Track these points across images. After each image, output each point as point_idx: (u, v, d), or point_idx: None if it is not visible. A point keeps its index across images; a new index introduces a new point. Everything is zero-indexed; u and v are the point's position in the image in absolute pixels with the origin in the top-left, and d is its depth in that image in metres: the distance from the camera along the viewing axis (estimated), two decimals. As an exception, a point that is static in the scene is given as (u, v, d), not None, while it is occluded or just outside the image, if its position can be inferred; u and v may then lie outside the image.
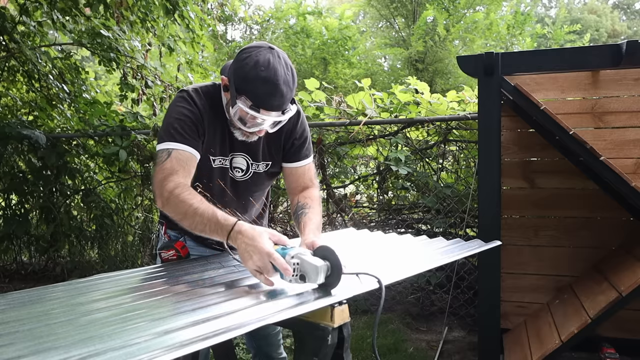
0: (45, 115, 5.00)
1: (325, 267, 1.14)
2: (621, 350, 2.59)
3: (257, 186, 1.68)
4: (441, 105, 3.69)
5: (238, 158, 1.58)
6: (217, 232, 1.25)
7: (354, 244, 1.79)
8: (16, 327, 0.92)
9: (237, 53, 1.42)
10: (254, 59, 1.34)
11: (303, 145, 1.65)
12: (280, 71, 1.34)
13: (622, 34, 28.41)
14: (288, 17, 15.65)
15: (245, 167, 1.60)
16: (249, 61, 1.34)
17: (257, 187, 1.68)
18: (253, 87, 1.34)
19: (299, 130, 1.63)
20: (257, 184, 1.67)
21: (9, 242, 4.86)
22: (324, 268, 1.13)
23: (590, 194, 2.80)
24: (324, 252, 1.17)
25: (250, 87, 1.34)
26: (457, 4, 13.33)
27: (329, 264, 1.14)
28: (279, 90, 1.34)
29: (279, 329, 1.87)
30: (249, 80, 1.34)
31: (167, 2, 4.62)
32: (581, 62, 2.43)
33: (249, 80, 1.34)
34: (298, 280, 1.14)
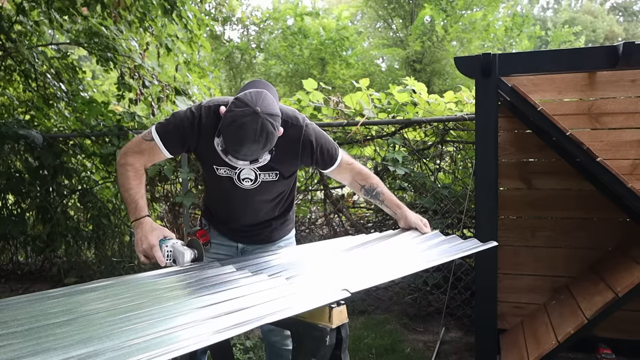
0: (42, 115, 4.98)
1: (190, 253, 1.54)
2: (617, 350, 2.60)
3: (269, 192, 1.78)
4: (439, 106, 3.69)
5: (246, 170, 1.68)
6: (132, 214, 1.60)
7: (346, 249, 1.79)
8: (15, 328, 0.91)
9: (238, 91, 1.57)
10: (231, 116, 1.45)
11: (323, 153, 1.75)
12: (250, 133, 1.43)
13: (619, 35, 28.51)
14: (285, 18, 15.65)
15: (253, 177, 1.71)
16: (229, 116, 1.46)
17: (269, 193, 1.79)
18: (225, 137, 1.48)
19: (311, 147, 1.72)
20: (269, 191, 1.77)
21: (5, 242, 4.84)
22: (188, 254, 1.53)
23: (587, 195, 2.81)
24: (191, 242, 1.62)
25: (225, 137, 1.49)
26: (455, 5, 13.36)
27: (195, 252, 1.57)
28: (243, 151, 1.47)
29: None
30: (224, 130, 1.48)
31: (165, 2, 4.61)
32: (578, 63, 2.44)
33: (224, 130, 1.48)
34: (172, 264, 1.54)
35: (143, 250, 1.53)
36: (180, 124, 1.63)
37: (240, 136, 1.44)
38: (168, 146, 1.65)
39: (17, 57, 4.84)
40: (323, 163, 1.79)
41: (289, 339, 1.92)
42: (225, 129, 1.46)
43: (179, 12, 4.79)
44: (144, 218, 1.58)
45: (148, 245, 1.52)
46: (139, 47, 5.15)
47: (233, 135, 1.45)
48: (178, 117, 1.65)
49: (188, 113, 1.65)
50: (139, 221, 1.58)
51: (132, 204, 1.60)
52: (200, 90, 5.26)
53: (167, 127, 1.64)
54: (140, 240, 1.54)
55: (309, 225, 4.39)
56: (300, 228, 4.21)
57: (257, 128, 1.43)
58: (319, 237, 4.21)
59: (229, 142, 1.47)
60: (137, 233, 1.56)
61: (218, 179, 1.72)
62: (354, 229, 4.18)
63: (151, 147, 1.65)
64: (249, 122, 1.42)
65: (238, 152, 1.47)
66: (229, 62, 16.79)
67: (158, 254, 1.51)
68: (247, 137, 1.43)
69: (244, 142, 1.44)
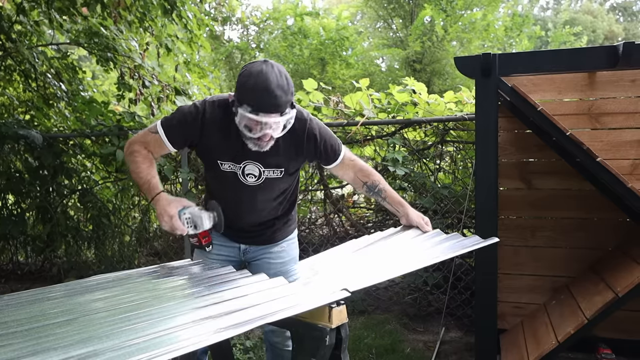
0: (42, 115, 4.98)
1: (209, 214, 1.61)
2: (617, 350, 2.60)
3: (272, 189, 1.79)
4: (439, 106, 3.69)
5: (250, 165, 1.70)
6: (146, 194, 1.63)
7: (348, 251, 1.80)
8: (15, 328, 0.91)
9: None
10: (247, 72, 1.52)
11: (326, 147, 1.78)
12: (271, 77, 1.49)
13: (619, 35, 28.51)
14: (285, 18, 15.65)
15: (257, 174, 1.72)
16: (244, 74, 1.53)
17: (272, 190, 1.80)
18: (249, 94, 1.49)
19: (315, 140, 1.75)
20: (272, 187, 1.79)
21: (5, 242, 4.84)
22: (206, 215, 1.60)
23: (587, 195, 2.81)
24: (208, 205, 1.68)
25: (247, 95, 1.50)
26: (455, 5, 13.35)
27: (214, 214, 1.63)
28: (271, 92, 1.47)
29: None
30: (245, 90, 1.50)
31: (165, 2, 4.61)
32: (578, 63, 2.44)
33: (245, 90, 1.50)
34: (193, 230, 1.60)
35: (166, 224, 1.55)
36: (183, 118, 1.66)
37: (264, 81, 1.47)
38: (172, 140, 1.67)
39: (17, 57, 4.84)
40: (326, 158, 1.81)
41: (290, 339, 1.92)
42: (246, 83, 1.50)
43: (179, 12, 4.79)
44: (159, 194, 1.60)
45: (168, 217, 1.54)
46: (139, 47, 5.15)
47: (256, 84, 1.48)
48: (182, 112, 1.68)
49: (192, 107, 1.68)
50: (156, 198, 1.59)
51: (144, 185, 1.63)
52: (200, 90, 5.26)
53: (172, 121, 1.67)
54: (160, 216, 1.56)
55: (309, 225, 4.39)
56: (300, 228, 4.21)
57: (275, 72, 1.51)
58: (319, 237, 4.21)
59: (255, 92, 1.48)
60: (156, 209, 1.58)
61: (222, 176, 1.73)
62: (354, 229, 4.18)
63: (156, 139, 1.67)
64: (266, 69, 1.50)
65: (267, 97, 1.47)
66: (229, 62, 16.79)
67: (177, 223, 1.54)
68: (271, 80, 1.48)
69: (270, 85, 1.47)
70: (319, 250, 3.93)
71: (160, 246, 4.70)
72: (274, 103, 1.49)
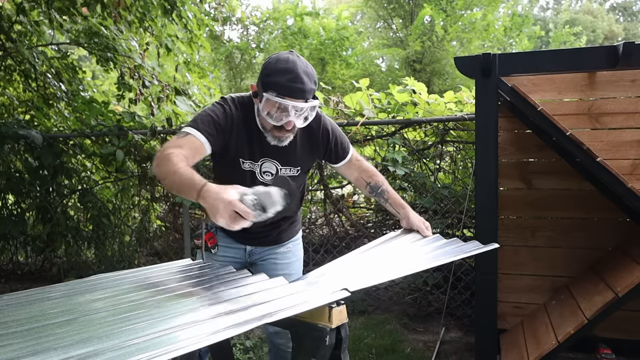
0: (42, 115, 4.98)
1: (278, 191, 1.27)
2: (617, 350, 2.60)
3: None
4: (439, 106, 3.69)
5: (267, 163, 1.71)
6: (190, 191, 1.33)
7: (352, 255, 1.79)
8: (15, 328, 0.91)
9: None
10: (275, 58, 1.56)
11: (337, 144, 1.81)
12: (299, 63, 1.54)
13: (619, 35, 28.51)
14: (285, 18, 15.65)
15: (274, 172, 1.73)
16: (271, 61, 1.56)
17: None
18: (276, 78, 1.51)
19: (328, 136, 1.78)
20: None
21: (5, 242, 4.84)
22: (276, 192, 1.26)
23: (587, 195, 2.82)
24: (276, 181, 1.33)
25: (274, 80, 1.51)
26: (455, 5, 13.36)
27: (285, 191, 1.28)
28: (300, 77, 1.50)
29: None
30: (272, 74, 1.52)
31: (165, 2, 4.61)
32: (578, 63, 2.44)
33: (272, 74, 1.52)
34: (261, 214, 1.25)
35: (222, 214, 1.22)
36: (212, 115, 1.60)
37: (292, 67, 1.51)
38: (207, 137, 1.55)
39: (17, 57, 4.84)
40: (336, 155, 1.83)
41: None
42: (274, 68, 1.52)
43: (179, 12, 4.79)
44: (205, 185, 1.31)
45: (225, 205, 1.21)
46: (139, 47, 5.14)
47: (284, 67, 1.51)
48: (207, 111, 1.62)
49: (218, 106, 1.65)
50: (204, 189, 1.29)
51: (186, 180, 1.35)
52: (200, 90, 5.26)
53: (200, 122, 1.57)
54: (214, 207, 1.24)
55: (309, 225, 4.39)
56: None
57: (302, 60, 1.56)
58: (319, 237, 4.21)
59: (283, 76, 1.50)
60: (207, 201, 1.26)
61: (239, 174, 1.70)
62: (354, 229, 4.18)
63: (190, 141, 1.53)
64: (292, 57, 1.55)
65: (295, 82, 1.49)
66: (229, 62, 16.80)
67: (241, 206, 1.21)
68: (299, 66, 1.52)
69: (297, 70, 1.50)
70: (319, 251, 3.94)
71: (160, 246, 4.70)
72: (301, 88, 1.51)
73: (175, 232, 4.57)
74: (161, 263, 1.58)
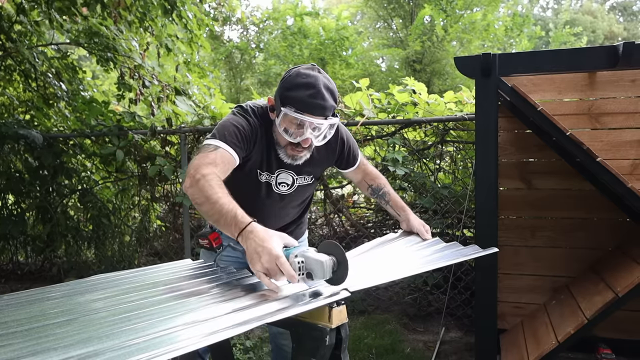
0: (42, 115, 4.98)
1: (331, 261, 1.15)
2: (617, 350, 2.60)
3: (302, 196, 1.80)
4: (439, 106, 3.70)
5: (283, 174, 1.68)
6: (230, 226, 1.25)
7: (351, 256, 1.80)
8: (15, 328, 0.91)
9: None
10: (295, 72, 1.49)
11: (350, 153, 1.82)
12: (321, 78, 1.47)
13: (619, 35, 28.51)
14: (285, 18, 15.65)
15: (290, 182, 1.71)
16: (291, 74, 1.49)
17: (302, 196, 1.81)
18: (296, 93, 1.44)
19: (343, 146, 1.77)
20: (302, 194, 1.79)
21: (5, 242, 4.84)
22: (329, 263, 1.14)
23: (587, 195, 2.82)
24: (328, 247, 1.19)
25: (293, 94, 1.45)
26: (455, 5, 13.36)
27: (335, 259, 1.16)
28: (321, 93, 1.44)
29: None
30: (292, 88, 1.45)
31: (165, 2, 4.61)
32: (578, 63, 2.44)
33: (292, 89, 1.46)
34: (305, 280, 1.15)
35: (263, 266, 1.15)
36: (238, 127, 1.53)
37: (312, 81, 1.45)
38: (237, 151, 1.49)
39: (17, 57, 4.84)
40: (346, 163, 1.84)
41: None
42: (294, 82, 1.46)
43: (179, 12, 4.79)
44: (251, 224, 1.23)
45: (270, 257, 1.14)
46: (139, 47, 5.15)
47: (305, 82, 1.44)
48: (232, 122, 1.54)
49: (239, 116, 1.58)
50: (247, 229, 1.21)
51: (229, 213, 1.26)
52: (200, 90, 5.26)
53: (224, 134, 1.49)
54: (257, 255, 1.16)
55: (309, 225, 4.38)
56: (300, 228, 4.21)
57: (324, 75, 1.49)
58: (319, 237, 4.21)
59: (304, 90, 1.43)
60: (249, 245, 1.19)
61: (255, 186, 1.67)
62: (354, 229, 4.18)
63: (222, 155, 1.45)
64: (313, 73, 1.48)
65: (315, 97, 1.43)
66: (229, 62, 16.80)
67: (287, 267, 1.12)
68: (319, 81, 1.45)
69: (318, 85, 1.44)
70: (319, 250, 3.93)
71: (160, 246, 4.70)
72: (322, 105, 1.45)
73: (175, 232, 4.57)
74: (161, 263, 1.58)
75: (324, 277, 1.13)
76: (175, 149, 4.38)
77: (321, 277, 1.13)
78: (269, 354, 2.93)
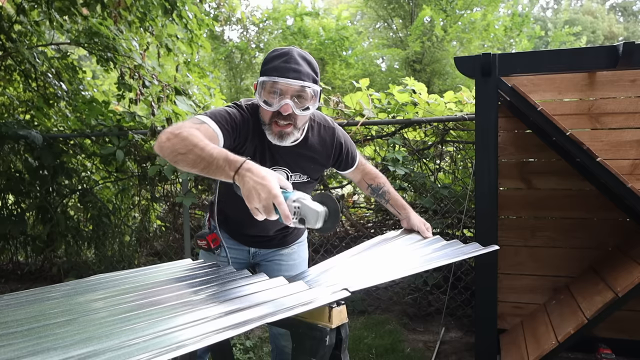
0: (42, 115, 4.98)
1: (324, 212, 1.19)
2: (618, 351, 2.60)
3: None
4: (439, 106, 3.70)
5: (278, 171, 1.65)
6: (224, 168, 1.22)
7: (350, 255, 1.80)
8: (15, 328, 0.91)
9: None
10: (274, 49, 1.56)
11: (348, 155, 1.82)
12: (294, 49, 1.53)
13: (619, 35, 28.51)
14: (285, 18, 15.66)
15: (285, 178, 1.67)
16: (270, 52, 1.56)
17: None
18: (271, 63, 1.50)
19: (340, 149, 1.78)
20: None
21: (5, 242, 4.84)
22: (323, 213, 1.18)
23: (587, 195, 2.82)
24: (323, 197, 1.23)
25: (269, 65, 1.50)
26: (455, 5, 13.36)
27: (327, 210, 1.20)
28: (294, 59, 1.48)
29: None
30: (268, 62, 1.51)
31: (165, 2, 4.61)
32: (578, 63, 2.44)
33: (268, 62, 1.51)
34: (297, 223, 1.19)
35: (261, 202, 1.14)
36: (230, 115, 1.53)
37: (286, 51, 1.51)
38: (223, 132, 1.46)
39: (17, 57, 4.84)
40: (345, 165, 1.83)
41: None
42: (271, 56, 1.52)
43: (179, 12, 4.79)
44: (246, 161, 1.21)
45: (268, 195, 1.13)
46: (139, 47, 5.15)
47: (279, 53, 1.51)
48: (224, 108, 1.56)
49: (233, 108, 1.58)
50: (244, 167, 1.19)
51: (220, 155, 1.23)
52: (200, 90, 5.26)
53: (214, 114, 1.50)
54: (254, 190, 1.15)
55: (309, 225, 4.38)
56: (300, 228, 4.21)
57: (300, 50, 1.55)
58: (318, 237, 4.21)
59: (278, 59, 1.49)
60: (246, 182, 1.17)
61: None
62: (354, 229, 4.18)
63: (204, 128, 1.41)
64: (288, 47, 1.55)
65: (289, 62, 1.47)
66: (229, 62, 16.81)
67: (284, 207, 1.14)
68: (293, 51, 1.51)
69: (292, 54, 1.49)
70: (318, 251, 3.94)
71: (160, 246, 4.70)
72: (295, 68, 1.47)
73: (175, 232, 4.57)
74: (161, 263, 1.58)
75: (315, 226, 1.17)
76: (175, 149, 4.37)
77: (313, 225, 1.17)
78: (269, 354, 2.94)
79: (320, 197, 1.22)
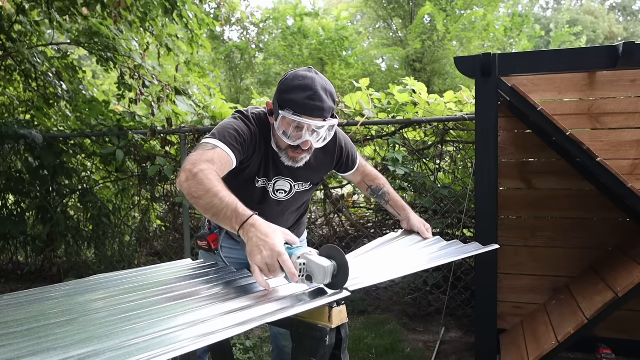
0: (42, 115, 4.98)
1: (332, 267, 1.14)
2: (617, 351, 2.60)
3: (300, 201, 1.81)
4: (439, 106, 3.70)
5: (281, 181, 1.67)
6: (231, 220, 1.23)
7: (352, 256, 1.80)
8: (15, 328, 0.91)
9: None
10: (292, 75, 1.48)
11: (348, 158, 1.82)
12: (318, 80, 1.47)
13: (619, 35, 28.50)
14: (285, 18, 15.65)
15: (288, 189, 1.71)
16: (288, 77, 1.49)
17: (299, 202, 1.81)
18: (294, 96, 1.43)
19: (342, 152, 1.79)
20: (300, 200, 1.79)
21: (5, 242, 4.84)
22: (330, 268, 1.13)
23: (587, 194, 2.82)
24: (330, 251, 1.18)
25: (291, 97, 1.44)
26: (455, 5, 13.35)
27: (336, 264, 1.15)
28: (318, 95, 1.43)
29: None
30: (289, 91, 1.45)
31: (166, 2, 4.61)
32: (578, 63, 2.44)
33: (289, 91, 1.45)
34: (304, 281, 1.15)
35: (264, 260, 1.13)
36: (237, 128, 1.52)
37: (309, 83, 1.44)
38: (235, 153, 1.47)
39: (18, 57, 4.84)
40: (345, 167, 1.84)
41: None
42: (292, 85, 1.45)
43: (179, 12, 4.79)
44: (252, 217, 1.21)
45: (272, 253, 1.12)
46: (139, 47, 5.15)
47: (302, 84, 1.44)
48: (232, 125, 1.53)
49: (239, 120, 1.56)
50: (249, 222, 1.20)
51: (230, 206, 1.24)
52: (200, 90, 5.26)
53: (223, 134, 1.48)
54: (257, 247, 1.14)
55: (309, 225, 4.39)
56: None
57: (321, 77, 1.49)
58: (318, 237, 4.21)
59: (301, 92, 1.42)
60: (249, 238, 1.17)
61: (252, 192, 1.67)
62: (354, 229, 4.18)
63: (220, 155, 1.42)
64: (310, 73, 1.48)
65: (313, 99, 1.42)
66: (229, 62, 16.79)
67: (289, 264, 1.11)
68: (316, 82, 1.44)
69: (315, 87, 1.43)
70: (319, 250, 3.94)
71: (160, 246, 4.70)
72: (319, 106, 1.43)
73: (175, 232, 4.57)
74: (161, 263, 1.58)
75: (323, 282, 1.14)
76: (175, 148, 4.38)
77: (321, 281, 1.13)
78: (269, 354, 2.94)
79: (327, 250, 1.19)
